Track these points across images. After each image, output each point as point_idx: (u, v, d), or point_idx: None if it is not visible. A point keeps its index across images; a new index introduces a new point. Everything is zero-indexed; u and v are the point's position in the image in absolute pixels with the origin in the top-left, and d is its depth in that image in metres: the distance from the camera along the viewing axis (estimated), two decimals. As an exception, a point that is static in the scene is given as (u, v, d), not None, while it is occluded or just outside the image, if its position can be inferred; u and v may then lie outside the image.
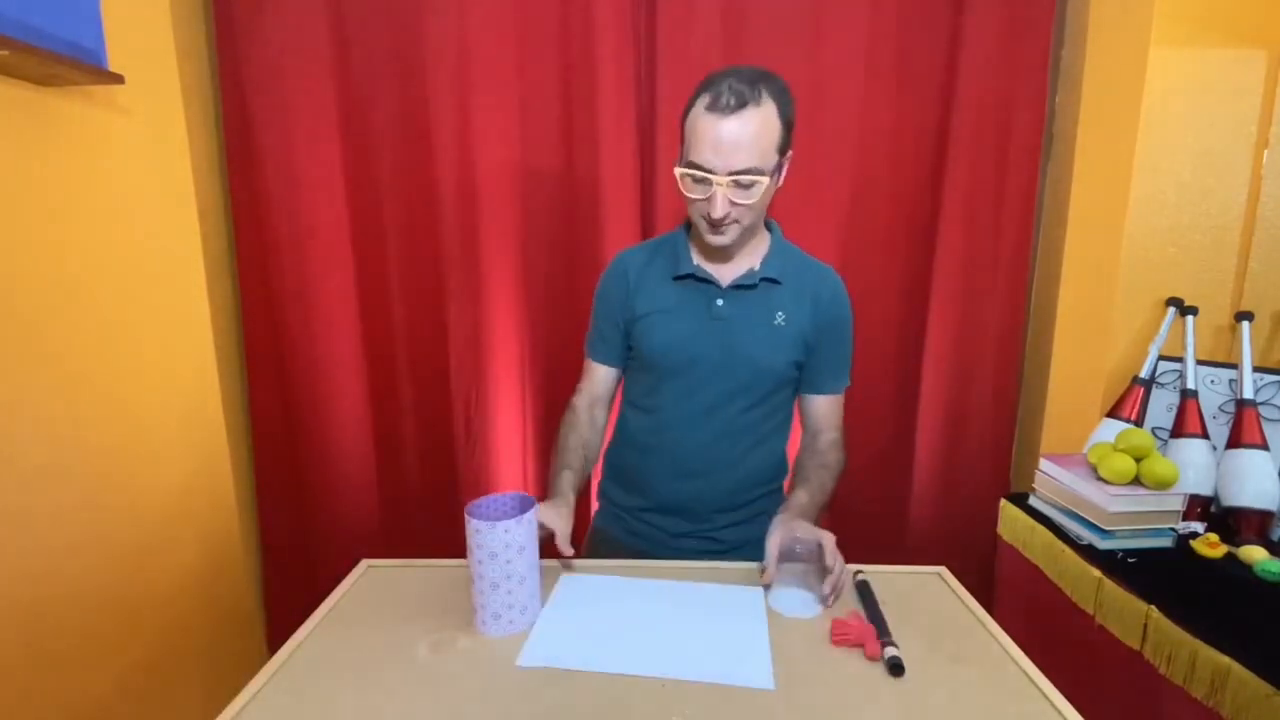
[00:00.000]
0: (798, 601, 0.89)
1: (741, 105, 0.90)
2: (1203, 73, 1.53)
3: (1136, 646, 1.14)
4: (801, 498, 1.03)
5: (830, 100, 1.56)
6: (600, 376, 1.17)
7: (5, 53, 0.92)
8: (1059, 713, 0.70)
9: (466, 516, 0.81)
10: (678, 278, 1.07)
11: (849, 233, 1.63)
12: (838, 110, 1.56)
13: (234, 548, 1.59)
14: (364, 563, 1.01)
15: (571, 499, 1.00)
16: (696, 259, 1.07)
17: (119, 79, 1.15)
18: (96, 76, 1.11)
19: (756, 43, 1.53)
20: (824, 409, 1.13)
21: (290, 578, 1.73)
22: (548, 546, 0.93)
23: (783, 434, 1.16)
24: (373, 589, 0.94)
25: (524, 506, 0.88)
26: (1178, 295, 1.58)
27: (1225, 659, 0.99)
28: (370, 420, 1.69)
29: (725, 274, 1.06)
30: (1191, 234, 1.59)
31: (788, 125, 0.96)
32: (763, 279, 1.05)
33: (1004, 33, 1.52)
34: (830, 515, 1.74)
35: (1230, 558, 1.24)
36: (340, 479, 1.69)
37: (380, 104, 1.56)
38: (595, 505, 1.26)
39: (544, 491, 1.07)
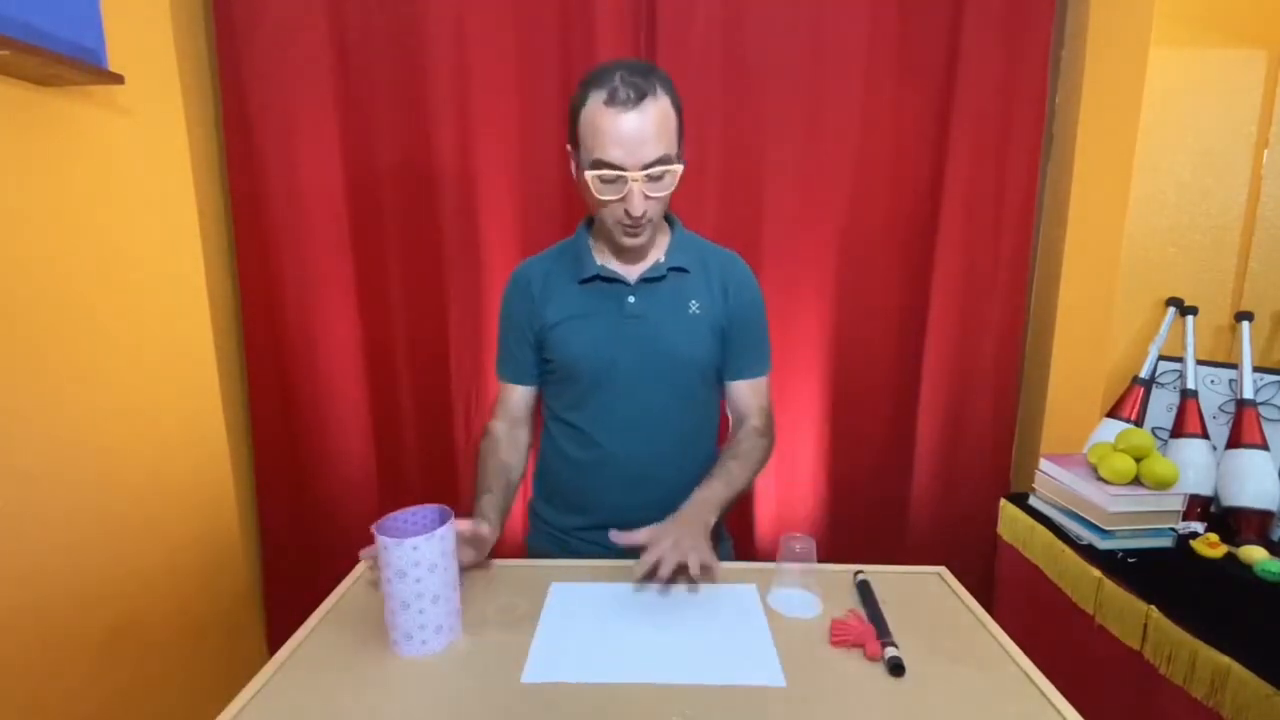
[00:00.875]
0: (797, 601, 0.89)
1: (641, 97, 0.88)
2: (1203, 73, 1.53)
3: (1136, 646, 1.14)
4: (701, 493, 0.99)
5: (830, 100, 1.56)
6: (516, 398, 1.12)
7: (5, 53, 0.93)
8: (1059, 713, 0.70)
9: (374, 533, 0.77)
10: (584, 281, 1.04)
11: (849, 233, 1.63)
12: (838, 110, 1.56)
13: (234, 548, 1.59)
14: (364, 563, 1.01)
15: (495, 519, 0.96)
16: (601, 259, 1.05)
17: (119, 79, 1.15)
18: (96, 76, 1.11)
19: (756, 43, 1.53)
20: (745, 394, 1.11)
21: (290, 578, 1.73)
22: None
23: (715, 430, 1.13)
24: (373, 589, 0.94)
25: (441, 520, 0.84)
26: (1178, 295, 1.58)
27: (1225, 659, 0.99)
28: (370, 420, 1.69)
29: (632, 270, 1.04)
30: (1191, 234, 1.59)
31: (680, 115, 0.95)
32: (670, 269, 1.03)
33: (1004, 33, 1.52)
34: (831, 515, 1.75)
35: (1230, 558, 1.24)
36: (340, 479, 1.69)
37: (380, 104, 1.56)
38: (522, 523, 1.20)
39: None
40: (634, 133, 0.89)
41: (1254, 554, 1.21)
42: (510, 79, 1.54)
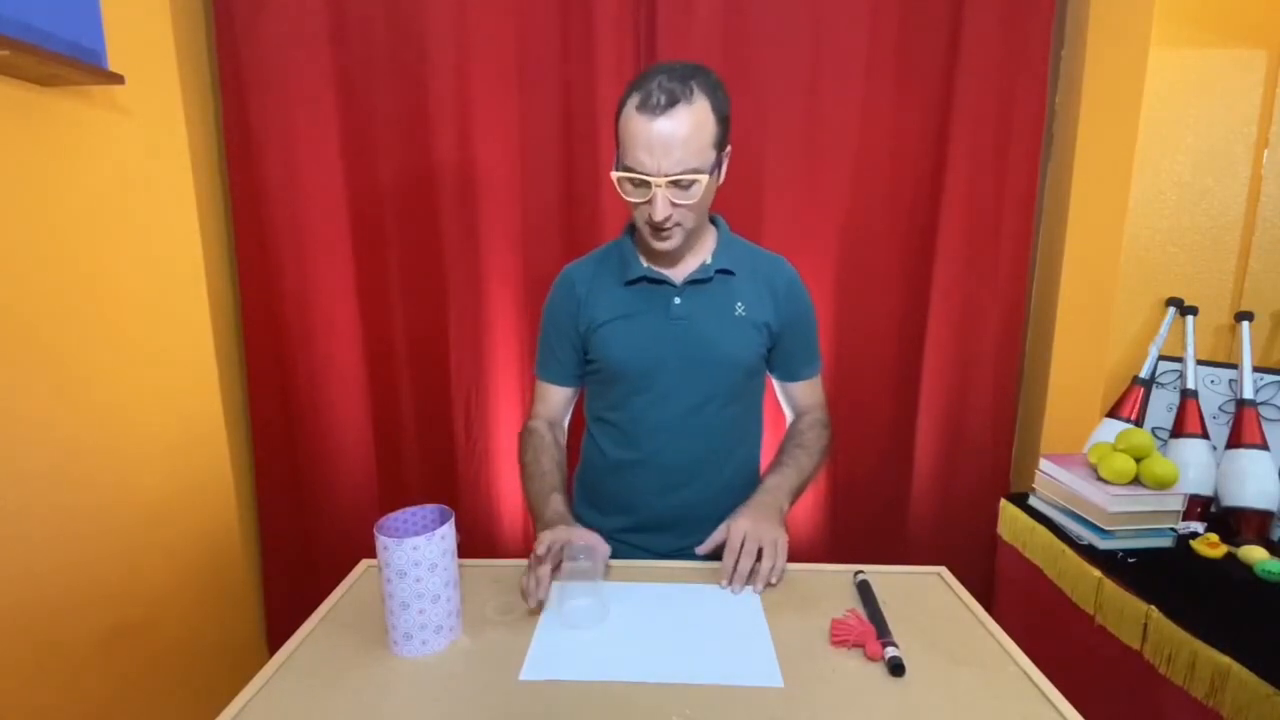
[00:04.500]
0: (584, 612, 0.86)
1: (673, 104, 0.87)
2: (1203, 73, 1.53)
3: (1136, 646, 1.14)
4: (773, 479, 1.03)
5: (830, 101, 1.56)
6: (555, 398, 1.13)
7: (5, 53, 0.93)
8: (1059, 713, 0.70)
9: (375, 533, 0.78)
10: (630, 282, 1.04)
11: (849, 233, 1.63)
12: (838, 111, 1.56)
13: (234, 548, 1.59)
14: (364, 563, 1.01)
15: (572, 521, 0.97)
16: (646, 262, 1.04)
17: (119, 79, 1.15)
18: (96, 76, 1.11)
19: (756, 43, 1.53)
20: (803, 393, 1.14)
21: (290, 578, 1.73)
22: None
23: (759, 429, 1.15)
24: (373, 589, 0.93)
25: (441, 520, 0.84)
26: (1178, 295, 1.58)
27: (1225, 659, 0.99)
28: (370, 420, 1.69)
29: (678, 272, 1.04)
30: (1191, 234, 1.59)
31: (723, 120, 0.93)
32: (717, 271, 1.03)
33: (1004, 33, 1.52)
34: (831, 515, 1.75)
35: (1230, 558, 1.24)
36: (340, 479, 1.69)
37: (380, 104, 1.56)
38: None
39: (530, 518, 1.04)
40: (661, 140, 0.88)
41: (1254, 554, 1.21)
42: (510, 79, 1.54)
